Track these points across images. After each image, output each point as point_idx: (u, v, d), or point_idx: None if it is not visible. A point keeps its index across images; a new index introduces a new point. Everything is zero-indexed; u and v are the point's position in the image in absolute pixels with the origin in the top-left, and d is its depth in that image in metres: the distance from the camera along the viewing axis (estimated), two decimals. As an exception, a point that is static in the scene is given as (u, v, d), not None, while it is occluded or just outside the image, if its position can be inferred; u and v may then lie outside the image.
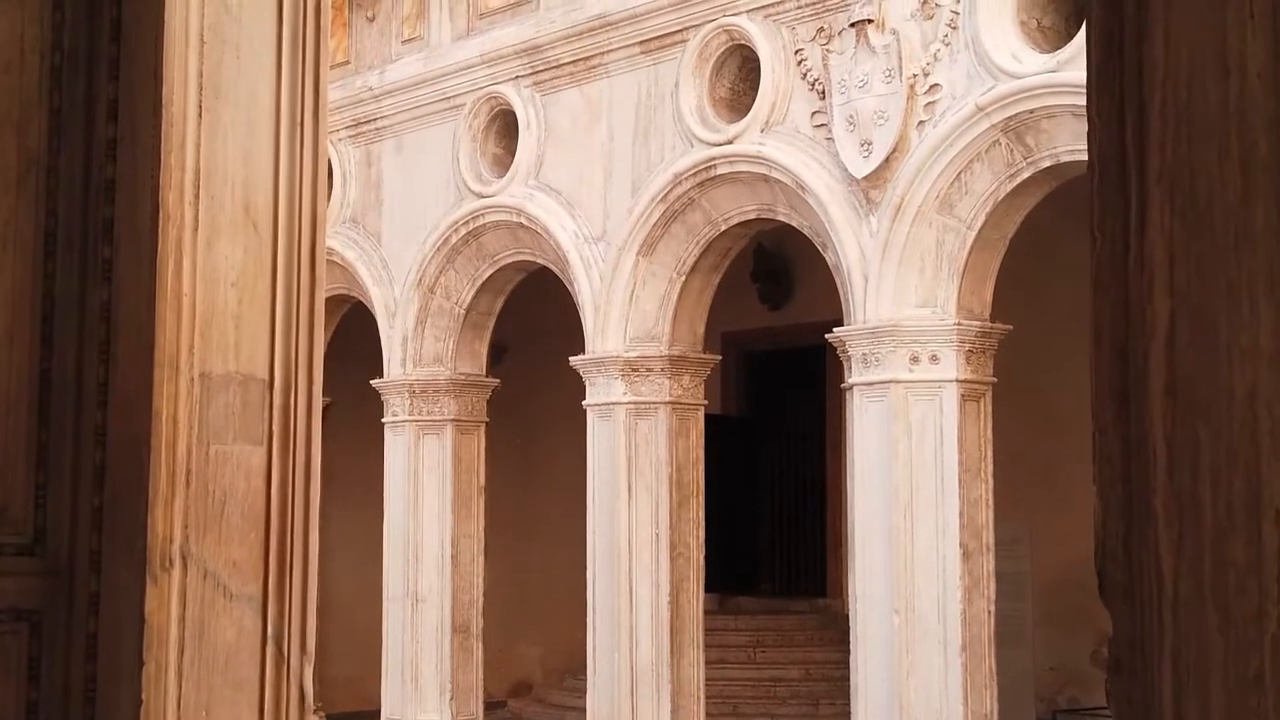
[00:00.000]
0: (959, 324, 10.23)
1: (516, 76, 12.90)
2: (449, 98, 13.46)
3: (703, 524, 12.02)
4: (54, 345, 3.17)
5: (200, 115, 3.02)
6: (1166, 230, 1.66)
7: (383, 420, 14.06)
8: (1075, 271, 13.24)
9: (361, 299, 14.52)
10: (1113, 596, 1.70)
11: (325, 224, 3.15)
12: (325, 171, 3.16)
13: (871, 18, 10.41)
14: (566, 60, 12.51)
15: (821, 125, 10.77)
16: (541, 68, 12.70)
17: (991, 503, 10.20)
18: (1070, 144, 9.74)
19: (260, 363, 3.08)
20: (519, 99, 12.85)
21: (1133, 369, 1.68)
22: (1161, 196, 1.66)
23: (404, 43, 14.06)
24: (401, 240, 13.95)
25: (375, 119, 14.24)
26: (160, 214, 2.99)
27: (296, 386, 3.11)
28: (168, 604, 2.98)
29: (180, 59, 3.00)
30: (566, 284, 12.64)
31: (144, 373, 2.99)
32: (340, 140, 14.51)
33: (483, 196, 13.13)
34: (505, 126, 13.13)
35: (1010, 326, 10.56)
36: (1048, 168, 9.94)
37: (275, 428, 3.10)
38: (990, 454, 10.30)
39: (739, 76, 11.51)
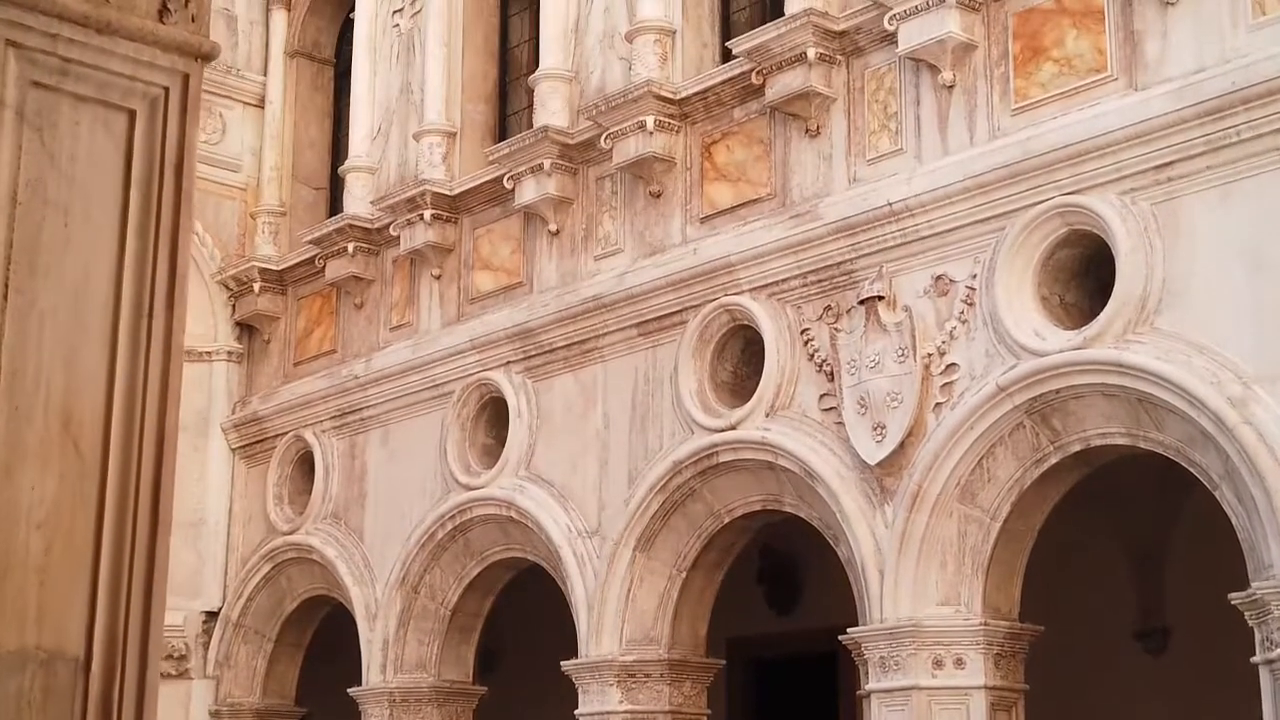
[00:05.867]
0: (985, 624, 9.45)
1: (508, 362, 12.33)
2: (438, 385, 12.88)
3: None
4: None
5: (6, 297, 2.22)
6: None
7: (361, 732, 13.04)
8: (1110, 566, 12.42)
9: (341, 600, 13.71)
10: None
11: (174, 449, 2.34)
12: (179, 380, 2.35)
13: (882, 294, 9.85)
14: (560, 344, 11.93)
15: (831, 409, 10.11)
16: (534, 352, 12.13)
17: (1029, 828, 9.20)
18: (1101, 426, 9.06)
19: (73, 635, 2.23)
20: (510, 385, 12.25)
21: None
22: None
23: (392, 330, 13.59)
24: (385, 537, 13.19)
25: (361, 408, 13.64)
26: (-63, 426, 2.18)
27: (124, 670, 2.25)
28: None
29: (-17, 223, 2.23)
30: (559, 582, 11.80)
31: (-100, 647, 2.14)
32: (324, 431, 13.93)
33: (471, 489, 12.43)
34: (496, 415, 12.52)
35: (1041, 627, 9.70)
36: (1077, 453, 9.31)
37: (90, 727, 2.23)
38: (1025, 771, 9.34)
39: (742, 359, 10.92)
